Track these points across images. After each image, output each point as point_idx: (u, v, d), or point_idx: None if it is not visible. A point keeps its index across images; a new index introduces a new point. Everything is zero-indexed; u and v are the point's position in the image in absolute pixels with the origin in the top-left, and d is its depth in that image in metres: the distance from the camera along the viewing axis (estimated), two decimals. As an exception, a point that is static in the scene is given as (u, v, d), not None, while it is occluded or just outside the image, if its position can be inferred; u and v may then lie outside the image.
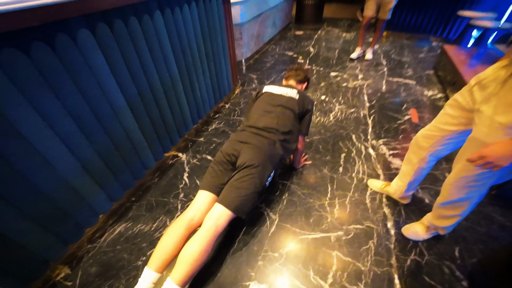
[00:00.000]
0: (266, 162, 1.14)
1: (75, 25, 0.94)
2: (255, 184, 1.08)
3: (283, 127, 1.26)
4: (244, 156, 1.13)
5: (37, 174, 0.92)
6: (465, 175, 0.87)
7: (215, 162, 1.21)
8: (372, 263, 1.13)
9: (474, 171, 0.83)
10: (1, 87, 0.78)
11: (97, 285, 1.09)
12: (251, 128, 1.27)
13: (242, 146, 1.18)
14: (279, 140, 1.23)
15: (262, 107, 1.35)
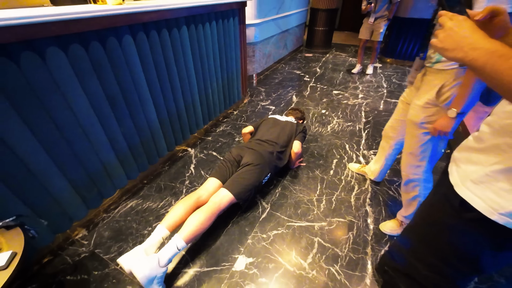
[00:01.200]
0: (265, 164, 1.44)
1: (122, 32, 1.23)
2: (255, 178, 1.37)
3: (281, 142, 1.60)
4: (248, 157, 1.44)
5: (78, 143, 1.16)
6: (410, 151, 1.13)
7: (224, 159, 1.51)
8: (349, 250, 1.26)
9: (415, 144, 1.09)
10: (64, 70, 1.04)
11: (109, 245, 1.28)
12: (257, 140, 1.61)
13: (247, 150, 1.50)
14: (276, 151, 1.54)
15: (267, 127, 1.71)
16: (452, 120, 0.92)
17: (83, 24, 1.03)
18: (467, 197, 0.49)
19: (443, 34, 0.45)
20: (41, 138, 1.02)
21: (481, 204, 0.47)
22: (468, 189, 0.49)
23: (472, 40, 0.41)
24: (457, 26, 0.43)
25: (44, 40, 0.94)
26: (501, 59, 0.37)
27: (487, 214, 0.46)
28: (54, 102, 1.03)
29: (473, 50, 0.41)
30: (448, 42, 0.44)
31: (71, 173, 1.17)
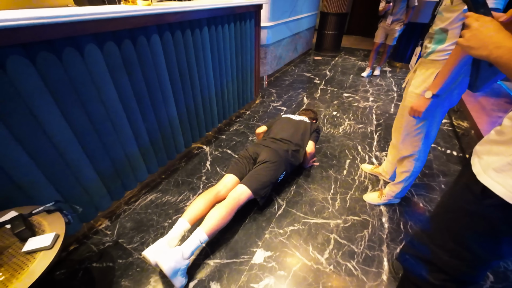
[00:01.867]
0: (281, 161, 1.46)
1: (150, 31, 1.29)
2: (272, 175, 1.39)
3: (295, 140, 1.63)
4: (264, 155, 1.47)
5: (106, 135, 1.22)
6: (407, 133, 1.25)
7: (241, 156, 1.54)
8: (365, 247, 1.29)
9: (412, 128, 1.21)
10: (99, 65, 1.10)
11: (131, 236, 1.32)
12: (271, 138, 1.63)
13: (263, 148, 1.53)
14: (292, 150, 1.56)
15: (282, 126, 1.74)
16: (427, 101, 1.01)
17: (117, 23, 1.09)
18: (488, 184, 0.52)
19: (469, 33, 0.50)
20: (76, 129, 1.08)
21: (502, 190, 0.50)
22: (490, 177, 0.52)
23: (496, 39, 0.45)
24: (483, 26, 0.48)
25: (85, 37, 1.00)
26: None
27: (507, 199, 0.49)
28: (88, 96, 1.08)
29: (497, 49, 0.45)
30: (474, 41, 0.49)
31: (99, 164, 1.23)
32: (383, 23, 3.24)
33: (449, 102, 1.11)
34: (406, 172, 1.38)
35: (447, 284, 0.67)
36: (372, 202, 1.53)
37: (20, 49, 0.85)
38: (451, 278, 0.66)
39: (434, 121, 1.18)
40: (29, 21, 0.81)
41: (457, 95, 1.08)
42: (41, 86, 0.93)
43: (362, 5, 6.50)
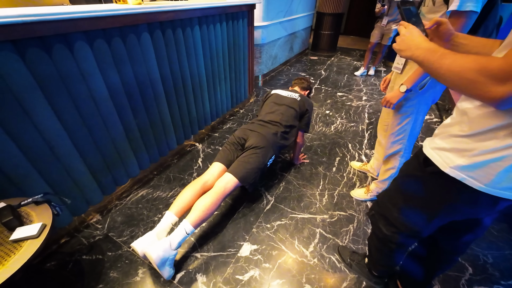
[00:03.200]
0: (268, 146, 1.41)
1: (141, 30, 1.32)
2: (259, 161, 1.35)
3: (285, 122, 1.55)
4: (252, 140, 1.42)
5: (97, 130, 1.24)
6: (391, 132, 1.31)
7: (228, 142, 1.51)
8: (350, 241, 1.32)
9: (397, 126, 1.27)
10: (89, 62, 1.13)
11: (121, 229, 1.35)
12: (259, 121, 1.57)
13: (251, 133, 1.48)
14: (281, 132, 1.51)
15: (270, 105, 1.67)
16: (401, 94, 1.12)
17: (108, 21, 1.12)
18: (428, 154, 0.63)
19: (399, 39, 0.62)
20: (66, 124, 1.11)
21: (438, 159, 0.59)
22: (432, 149, 0.62)
23: (417, 42, 0.57)
24: (408, 33, 0.60)
25: (75, 34, 1.03)
26: (432, 54, 0.52)
27: (441, 167, 0.58)
28: (79, 92, 1.11)
29: (417, 49, 0.56)
30: (402, 45, 0.60)
31: (90, 159, 1.26)
32: (379, 23, 3.29)
33: (432, 98, 1.16)
34: (392, 169, 1.42)
35: (395, 236, 0.81)
36: (359, 198, 1.57)
37: (10, 45, 0.88)
38: (398, 231, 0.79)
39: (418, 118, 1.23)
40: (20, 18, 0.84)
41: (439, 91, 1.15)
42: (32, 82, 0.96)
43: (358, 6, 6.54)
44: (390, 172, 1.43)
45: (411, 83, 1.07)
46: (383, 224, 0.84)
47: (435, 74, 0.51)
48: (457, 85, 0.47)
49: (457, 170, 0.55)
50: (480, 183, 0.53)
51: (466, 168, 0.54)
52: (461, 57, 0.47)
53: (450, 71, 0.47)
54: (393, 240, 0.82)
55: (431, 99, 1.18)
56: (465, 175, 0.54)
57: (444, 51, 0.50)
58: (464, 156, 0.54)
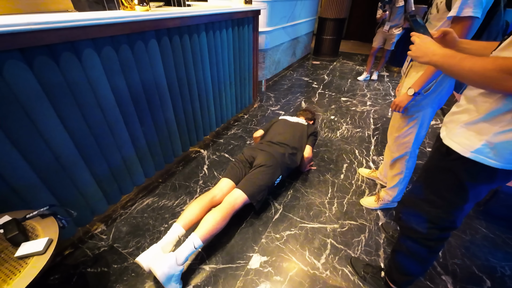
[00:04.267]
0: (277, 165, 1.45)
1: (148, 36, 1.30)
2: (267, 179, 1.38)
3: (292, 143, 1.62)
4: (261, 159, 1.46)
5: (104, 139, 1.22)
6: (397, 134, 1.31)
7: (237, 160, 1.54)
8: (362, 252, 1.28)
9: (403, 129, 1.27)
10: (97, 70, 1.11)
11: (127, 240, 1.32)
12: (268, 142, 1.63)
13: (260, 152, 1.53)
14: (288, 153, 1.56)
15: (278, 128, 1.74)
16: (409, 98, 1.12)
17: (115, 28, 1.11)
18: (449, 144, 0.69)
19: (414, 47, 0.71)
20: (72, 133, 1.08)
21: (458, 147, 0.67)
22: (451, 139, 0.69)
23: (432, 49, 0.65)
24: (422, 41, 0.69)
25: (83, 42, 1.01)
26: (451, 58, 0.60)
27: (462, 153, 0.66)
28: (86, 100, 1.09)
29: (434, 55, 0.64)
30: (418, 52, 0.69)
31: (95, 168, 1.23)
32: (381, 28, 3.29)
33: (438, 102, 1.17)
34: (399, 174, 1.40)
35: (432, 231, 0.82)
36: (369, 207, 1.53)
37: (18, 53, 0.86)
38: (434, 225, 0.81)
39: (424, 121, 1.23)
40: (28, 26, 0.82)
41: (445, 95, 1.15)
42: (39, 90, 0.93)
43: (359, 11, 6.58)
44: (398, 178, 1.41)
45: (419, 86, 1.08)
46: (417, 224, 0.84)
47: (456, 75, 0.60)
48: (478, 82, 0.56)
49: (477, 153, 0.63)
50: (497, 162, 0.61)
51: (484, 151, 0.62)
52: (480, 59, 0.55)
53: (472, 72, 0.55)
54: (431, 237, 0.83)
55: (437, 103, 1.18)
56: (484, 157, 0.62)
57: (462, 55, 0.59)
58: (481, 140, 0.62)
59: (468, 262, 1.23)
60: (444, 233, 0.82)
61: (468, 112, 0.65)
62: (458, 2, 0.89)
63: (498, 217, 1.48)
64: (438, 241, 0.85)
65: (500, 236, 1.37)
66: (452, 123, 0.71)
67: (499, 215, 1.48)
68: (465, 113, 0.66)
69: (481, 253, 1.28)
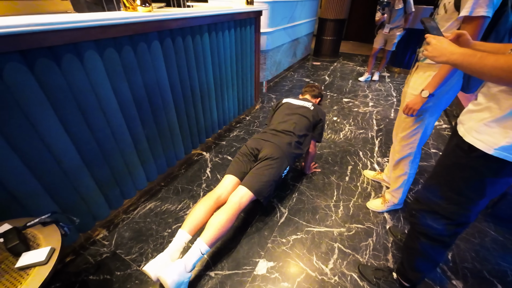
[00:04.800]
0: (283, 157, 1.36)
1: (151, 38, 1.28)
2: (274, 173, 1.30)
3: (298, 131, 1.50)
4: (266, 151, 1.37)
5: (106, 143, 1.19)
6: (403, 134, 1.29)
7: (240, 153, 1.44)
8: (370, 256, 1.26)
9: (409, 129, 1.25)
10: (99, 72, 1.08)
11: (130, 246, 1.28)
12: (272, 130, 1.51)
13: (264, 143, 1.42)
14: (295, 142, 1.45)
15: (282, 114, 1.61)
16: (423, 100, 1.09)
17: (118, 30, 1.08)
18: (472, 142, 0.69)
19: (431, 47, 0.71)
20: (74, 137, 1.05)
21: (482, 144, 0.67)
22: (473, 136, 0.69)
23: (450, 49, 0.66)
24: (439, 42, 0.69)
25: (85, 43, 0.99)
26: (471, 57, 0.60)
27: (486, 150, 0.66)
28: (87, 103, 1.06)
29: (452, 55, 0.65)
30: (435, 52, 0.69)
31: (97, 172, 1.20)
32: (382, 30, 3.28)
33: (445, 103, 1.15)
34: (403, 175, 1.39)
35: (448, 227, 0.83)
36: (376, 210, 1.51)
37: (18, 55, 0.83)
38: (451, 221, 0.82)
39: (430, 122, 1.22)
40: (29, 27, 0.80)
41: (452, 96, 1.14)
42: (39, 94, 0.90)
43: (359, 11, 6.58)
44: (402, 179, 1.40)
45: (434, 88, 1.06)
46: (432, 220, 0.85)
47: (477, 72, 0.60)
48: (502, 77, 0.56)
49: (501, 150, 0.63)
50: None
51: (508, 148, 0.62)
52: (502, 56, 0.55)
53: (495, 68, 0.55)
54: (447, 233, 0.84)
55: (444, 104, 1.16)
56: (508, 154, 0.63)
57: (481, 53, 0.59)
58: (506, 137, 0.62)
59: (479, 266, 1.21)
60: (460, 228, 0.84)
61: (489, 110, 0.66)
62: (470, 2, 0.88)
63: (507, 219, 1.46)
64: (453, 236, 0.87)
65: (509, 239, 1.35)
66: (472, 121, 0.71)
67: (507, 217, 1.46)
68: (486, 111, 0.67)
69: (491, 257, 1.26)
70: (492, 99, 0.66)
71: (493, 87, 0.66)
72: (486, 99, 0.68)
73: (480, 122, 0.68)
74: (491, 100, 0.66)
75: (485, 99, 0.68)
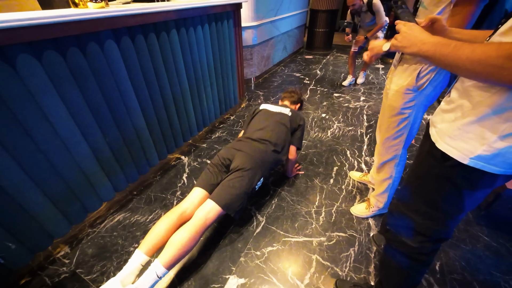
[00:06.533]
0: (256, 167, 1.26)
1: (103, 37, 1.16)
2: (245, 185, 1.20)
3: (275, 140, 1.40)
4: (237, 161, 1.27)
5: (56, 155, 1.08)
6: (388, 135, 1.17)
7: (211, 164, 1.35)
8: (350, 269, 1.16)
9: (393, 130, 1.13)
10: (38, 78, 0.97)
11: (91, 264, 1.19)
12: (246, 139, 1.42)
13: (237, 152, 1.32)
14: (271, 151, 1.36)
15: (259, 121, 1.52)
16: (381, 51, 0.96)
17: (57, 29, 0.96)
18: (446, 150, 0.60)
19: (400, 36, 0.61)
20: (14, 151, 0.95)
21: (456, 153, 0.58)
22: (446, 143, 0.60)
23: (421, 38, 0.56)
24: (410, 29, 0.60)
25: (14, 46, 0.87)
26: (444, 46, 0.51)
27: (461, 160, 0.57)
28: (27, 112, 0.95)
29: (423, 44, 0.55)
30: (405, 42, 0.60)
31: (49, 188, 1.09)
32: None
33: (431, 99, 1.04)
34: (388, 179, 1.28)
35: (425, 245, 0.74)
36: (360, 215, 1.41)
37: None
38: (428, 238, 0.73)
39: (416, 120, 1.11)
40: None
41: (439, 91, 1.02)
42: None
43: (353, 1, 6.36)
44: (387, 183, 1.29)
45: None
46: (407, 236, 0.76)
47: (451, 66, 0.50)
48: (479, 73, 0.46)
49: (478, 160, 0.55)
50: (500, 168, 0.53)
51: (486, 157, 0.54)
52: (480, 46, 0.46)
53: (471, 61, 0.46)
54: (424, 251, 0.75)
55: (430, 100, 1.05)
56: (485, 163, 0.54)
57: (456, 42, 0.49)
58: (483, 144, 0.53)
59: (469, 277, 1.11)
60: (437, 244, 0.75)
61: (461, 109, 0.57)
62: None
63: (502, 222, 1.35)
64: (431, 253, 0.77)
65: (504, 244, 1.25)
66: (444, 122, 0.62)
67: (502, 219, 1.35)
68: (459, 110, 0.58)
69: (483, 266, 1.16)
70: (464, 95, 0.56)
71: (466, 80, 0.56)
72: (459, 95, 0.59)
73: (453, 125, 0.59)
74: (464, 96, 0.56)
75: (458, 95, 0.59)
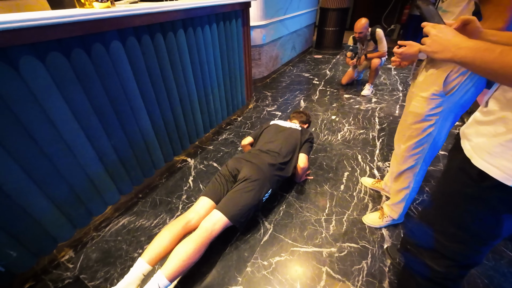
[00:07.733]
0: (264, 179, 1.25)
1: (109, 37, 1.13)
2: (253, 197, 1.18)
3: (284, 152, 1.41)
4: (245, 171, 1.26)
5: (60, 159, 1.06)
6: (409, 144, 1.07)
7: (219, 174, 1.34)
8: (363, 283, 1.09)
9: (416, 138, 1.04)
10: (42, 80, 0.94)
11: (95, 270, 1.17)
12: (256, 150, 1.43)
13: (245, 163, 1.32)
14: (279, 163, 1.36)
15: (269, 135, 1.54)
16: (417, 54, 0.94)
17: (61, 30, 0.93)
18: (484, 168, 0.53)
19: (430, 40, 0.55)
20: (17, 155, 0.93)
21: (498, 172, 0.51)
22: (485, 160, 0.53)
23: (456, 42, 0.50)
24: (440, 32, 0.53)
25: (17, 48, 0.85)
26: (487, 52, 0.44)
27: (503, 181, 0.50)
28: (30, 115, 0.93)
29: (459, 50, 0.49)
30: (436, 46, 0.53)
31: (53, 191, 1.07)
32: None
33: (463, 106, 0.93)
34: (405, 189, 1.20)
35: (452, 270, 0.67)
36: (373, 225, 1.33)
37: None
38: (455, 263, 0.66)
39: (443, 130, 1.00)
40: None
41: (473, 96, 0.90)
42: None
43: (365, -1, 6.19)
44: (404, 193, 1.21)
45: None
46: (431, 259, 0.69)
47: (496, 74, 0.44)
48: None
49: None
50: None
51: None
52: None
53: None
54: (450, 276, 0.68)
55: (461, 108, 0.94)
56: None
57: (503, 47, 0.43)
58: None
59: (493, 298, 1.03)
60: (465, 270, 0.68)
61: (504, 123, 0.50)
62: None
63: (527, 236, 1.25)
64: (458, 279, 0.70)
65: (531, 261, 1.15)
66: (482, 136, 0.55)
67: (528, 234, 1.25)
68: (500, 123, 0.51)
69: (508, 285, 1.07)
70: (509, 108, 0.49)
71: (510, 90, 0.49)
72: (500, 106, 0.51)
73: (493, 141, 0.52)
74: (508, 108, 0.50)
75: (499, 106, 0.52)
